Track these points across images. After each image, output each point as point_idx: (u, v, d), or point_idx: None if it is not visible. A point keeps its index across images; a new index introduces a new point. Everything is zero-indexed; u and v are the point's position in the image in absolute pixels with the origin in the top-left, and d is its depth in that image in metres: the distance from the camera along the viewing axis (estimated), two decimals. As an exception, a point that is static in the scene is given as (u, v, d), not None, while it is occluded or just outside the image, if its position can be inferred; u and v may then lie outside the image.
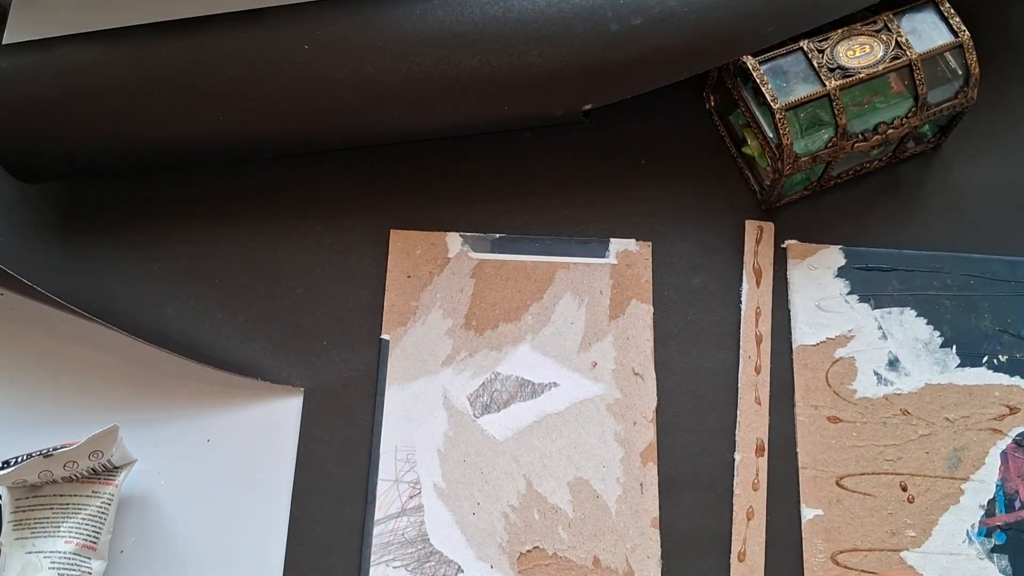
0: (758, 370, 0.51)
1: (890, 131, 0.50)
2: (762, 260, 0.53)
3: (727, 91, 0.53)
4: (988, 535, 0.48)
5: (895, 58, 0.50)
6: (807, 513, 0.48)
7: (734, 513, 0.48)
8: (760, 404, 0.50)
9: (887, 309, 0.52)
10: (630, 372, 0.51)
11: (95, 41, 0.49)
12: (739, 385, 0.51)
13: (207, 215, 0.55)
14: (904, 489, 0.49)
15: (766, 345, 0.51)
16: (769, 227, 0.54)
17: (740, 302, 0.52)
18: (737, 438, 0.50)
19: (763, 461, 0.49)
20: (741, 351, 0.51)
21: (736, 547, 0.47)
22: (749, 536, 0.48)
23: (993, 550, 0.48)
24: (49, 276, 0.51)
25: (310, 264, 0.53)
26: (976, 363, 0.51)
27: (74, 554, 0.44)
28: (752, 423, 0.50)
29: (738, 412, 0.50)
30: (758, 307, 0.52)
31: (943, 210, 0.55)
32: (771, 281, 0.53)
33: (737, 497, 0.48)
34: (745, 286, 0.52)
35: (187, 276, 0.53)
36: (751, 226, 0.54)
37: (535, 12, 0.48)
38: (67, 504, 0.45)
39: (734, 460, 0.49)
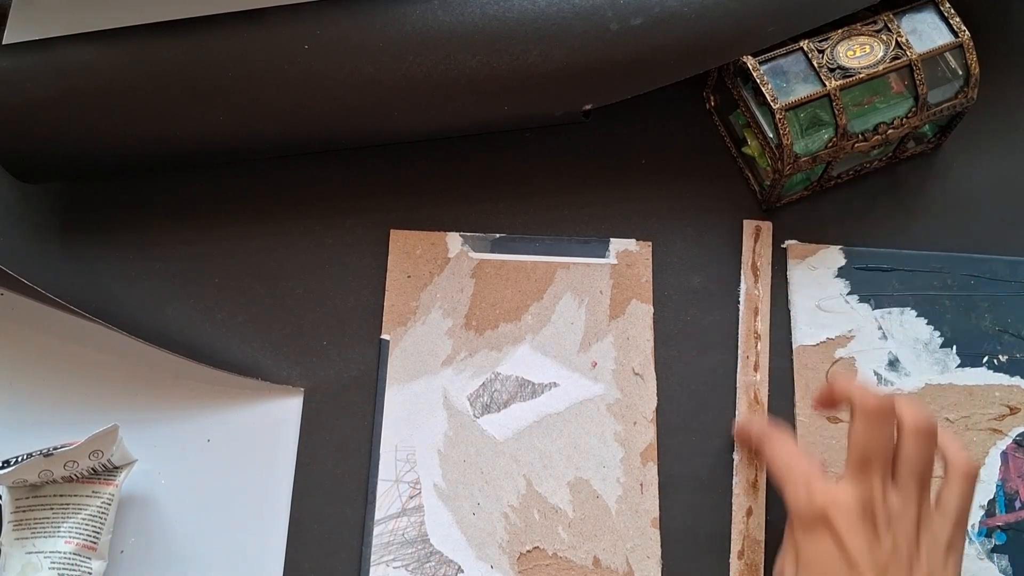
0: (756, 369, 0.51)
1: (890, 131, 0.50)
2: (760, 259, 0.53)
3: (727, 91, 0.53)
4: (988, 535, 0.48)
5: (895, 58, 0.50)
6: (807, 513, 0.48)
7: (733, 513, 0.48)
8: (758, 403, 0.50)
9: (887, 309, 0.52)
10: (630, 372, 0.51)
11: (95, 41, 0.49)
12: (737, 384, 0.51)
13: (207, 215, 0.55)
14: (904, 489, 0.49)
15: (764, 344, 0.51)
16: (767, 226, 0.54)
17: (739, 301, 0.52)
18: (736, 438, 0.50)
19: (762, 461, 0.49)
20: (739, 350, 0.51)
21: (736, 546, 0.47)
22: (748, 535, 0.48)
23: (993, 550, 0.48)
24: (49, 276, 0.51)
25: (310, 264, 0.53)
26: (976, 363, 0.51)
27: (74, 554, 0.44)
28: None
29: (737, 412, 0.50)
30: (756, 306, 0.52)
31: (943, 210, 0.55)
32: (769, 280, 0.53)
33: (736, 497, 0.48)
34: (743, 285, 0.52)
35: (187, 276, 0.53)
36: (749, 225, 0.54)
37: (535, 12, 0.48)
38: (67, 504, 0.45)
39: (733, 460, 0.49)
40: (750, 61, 0.50)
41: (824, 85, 0.49)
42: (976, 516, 0.48)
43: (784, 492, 0.41)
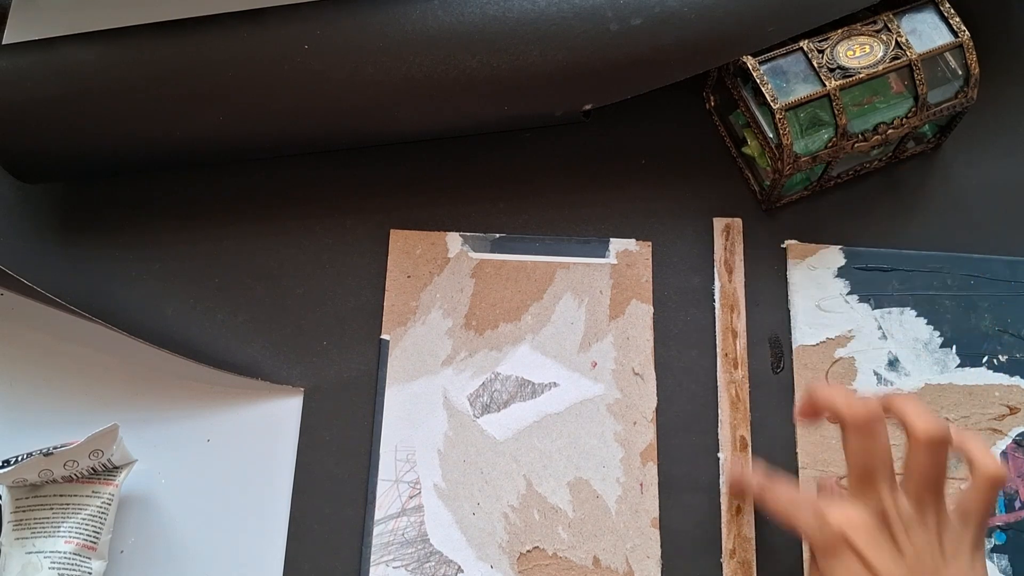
0: (736, 366, 0.51)
1: (890, 131, 0.50)
2: (732, 256, 0.53)
3: (727, 91, 0.53)
4: (988, 535, 0.48)
5: (895, 58, 0.50)
6: (807, 513, 0.48)
7: (722, 511, 0.48)
8: (740, 400, 0.50)
9: (887, 309, 0.52)
10: (630, 372, 0.51)
11: (95, 41, 0.49)
12: (718, 383, 0.50)
13: (207, 215, 0.55)
14: (904, 489, 0.49)
15: (742, 341, 0.51)
16: (737, 223, 0.53)
17: (714, 300, 0.52)
18: (720, 437, 0.49)
19: (747, 457, 0.49)
20: (718, 348, 0.51)
21: (727, 545, 0.47)
22: (739, 534, 0.48)
23: (993, 550, 0.48)
24: (49, 276, 0.51)
25: (310, 264, 0.53)
26: (976, 363, 0.51)
27: (74, 554, 0.44)
28: (733, 420, 0.50)
29: (719, 410, 0.50)
30: (732, 303, 0.52)
31: (943, 210, 0.55)
32: (743, 277, 0.52)
33: (724, 496, 0.48)
34: (717, 283, 0.52)
35: (187, 276, 0.53)
36: (719, 223, 0.54)
37: (535, 12, 0.48)
38: (67, 504, 0.45)
39: (719, 459, 0.49)
40: (750, 61, 0.50)
41: (824, 85, 0.49)
42: (976, 516, 0.48)
43: (798, 528, 0.40)
